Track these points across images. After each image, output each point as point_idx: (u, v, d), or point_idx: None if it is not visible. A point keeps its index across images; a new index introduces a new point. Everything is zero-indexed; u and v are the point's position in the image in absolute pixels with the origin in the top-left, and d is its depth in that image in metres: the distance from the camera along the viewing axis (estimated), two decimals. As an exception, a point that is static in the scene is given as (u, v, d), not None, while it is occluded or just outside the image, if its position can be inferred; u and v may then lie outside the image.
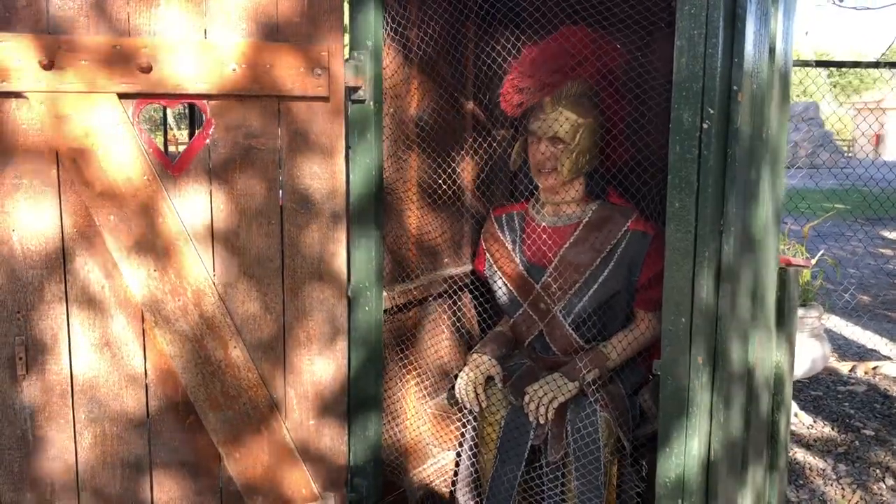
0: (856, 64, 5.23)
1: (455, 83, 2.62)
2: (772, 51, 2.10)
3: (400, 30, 2.31)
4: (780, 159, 2.33)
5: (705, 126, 1.78)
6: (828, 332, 4.84)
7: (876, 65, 5.22)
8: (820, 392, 4.48)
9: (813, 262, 3.97)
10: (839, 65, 5.66)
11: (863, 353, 5.44)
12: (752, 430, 2.29)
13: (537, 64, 2.25)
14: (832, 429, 3.92)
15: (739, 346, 2.06)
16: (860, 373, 4.94)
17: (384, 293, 2.33)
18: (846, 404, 4.28)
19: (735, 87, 1.83)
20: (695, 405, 1.89)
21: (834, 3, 7.02)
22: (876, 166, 7.64)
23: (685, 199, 1.81)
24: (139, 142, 2.00)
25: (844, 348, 5.49)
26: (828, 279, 4.60)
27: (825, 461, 3.55)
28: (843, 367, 5.00)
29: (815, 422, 3.99)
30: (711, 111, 1.77)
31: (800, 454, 3.61)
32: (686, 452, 1.90)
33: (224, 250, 2.10)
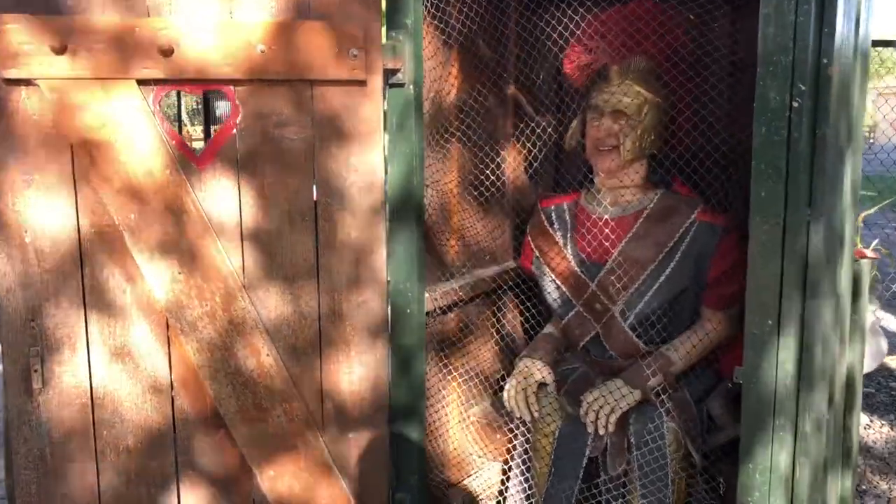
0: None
1: (499, 65, 2.42)
2: (857, 23, 1.90)
3: (441, 5, 2.12)
4: (859, 143, 2.12)
5: (795, 104, 1.58)
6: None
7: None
8: (872, 389, 4.26)
9: (870, 250, 3.76)
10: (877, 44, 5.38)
11: (908, 346, 5.21)
12: (829, 438, 2.09)
13: (608, 27, 2.06)
14: (891, 429, 3.70)
15: (825, 350, 1.86)
16: (910, 367, 4.71)
17: (426, 294, 2.14)
18: (901, 402, 4.07)
19: (825, 61, 1.63)
20: (781, 416, 1.70)
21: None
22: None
23: (773, 186, 1.61)
24: (161, 132, 1.82)
25: (890, 341, 5.25)
26: (878, 270, 4.39)
27: (888, 464, 3.34)
28: (892, 362, 4.77)
29: (871, 421, 3.78)
30: (802, 87, 1.57)
31: (860, 456, 3.39)
32: (772, 469, 1.71)
33: (254, 250, 1.92)
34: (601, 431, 2.02)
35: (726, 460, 2.05)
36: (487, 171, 2.38)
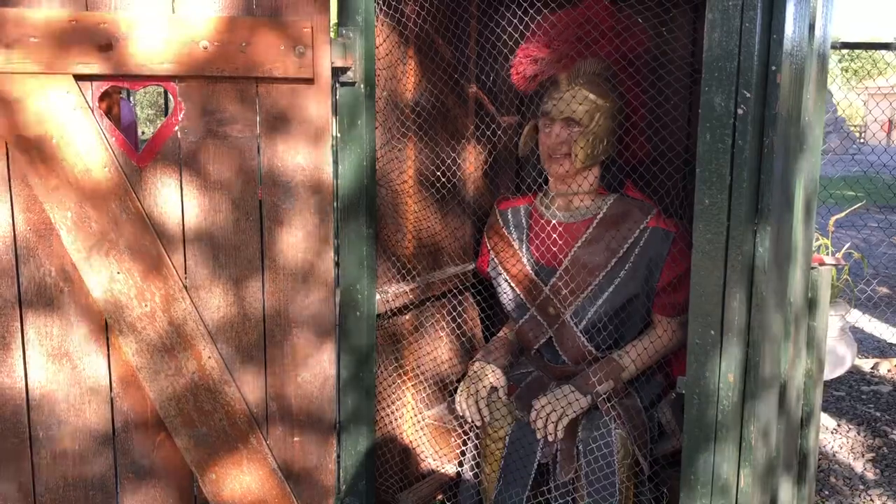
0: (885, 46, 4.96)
1: (456, 64, 2.39)
2: (811, 28, 1.87)
3: (394, 3, 2.08)
4: (815, 149, 2.10)
5: (740, 112, 1.55)
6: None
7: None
8: (842, 392, 4.25)
9: (839, 255, 3.74)
10: (865, 46, 5.38)
11: (884, 348, 5.20)
12: (782, 447, 2.08)
13: (555, 33, 2.02)
14: (857, 433, 3.69)
15: (772, 359, 1.84)
16: (883, 370, 4.70)
17: (377, 296, 2.11)
18: (871, 406, 4.06)
19: (773, 68, 1.60)
20: (724, 428, 1.67)
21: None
22: (888, 153, 7.36)
23: (716, 195, 1.58)
24: (100, 129, 1.78)
25: (864, 343, 5.25)
26: (852, 273, 4.37)
27: (852, 469, 3.33)
28: (865, 365, 4.76)
29: (839, 425, 3.77)
30: (748, 95, 1.54)
31: (824, 461, 3.39)
32: (713, 482, 1.69)
33: (196, 250, 1.88)
34: (549, 438, 2.00)
35: (671, 467, 2.04)
36: (446, 171, 2.35)
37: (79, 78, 1.75)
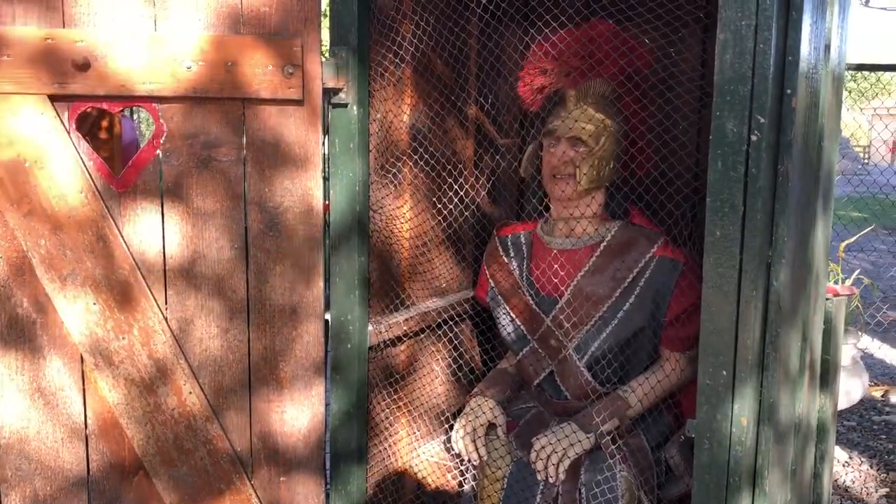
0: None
1: (455, 85, 2.30)
2: (827, 48, 1.78)
3: (390, 23, 2.00)
4: (831, 176, 2.00)
5: (754, 138, 1.46)
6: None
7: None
8: (853, 422, 4.13)
9: (849, 282, 3.64)
10: (871, 68, 5.32)
11: (894, 375, 5.08)
12: (796, 489, 1.96)
13: (564, 48, 1.93)
14: (870, 467, 3.57)
15: (788, 399, 1.74)
16: (894, 399, 4.58)
17: (370, 327, 2.01)
18: (883, 437, 3.93)
19: (789, 91, 1.51)
20: (737, 475, 1.56)
21: (861, 3, 6.65)
22: (892, 170, 7.23)
23: (728, 226, 1.48)
24: (76, 152, 1.69)
25: (873, 369, 5.12)
26: (862, 298, 4.26)
27: (865, 505, 3.20)
28: (876, 392, 4.64)
29: (850, 459, 3.64)
30: (762, 120, 1.45)
31: (836, 497, 3.26)
32: (726, 532, 1.57)
33: (178, 280, 1.79)
34: (551, 480, 1.89)
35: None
36: (444, 196, 2.25)
37: (54, 98, 1.67)
